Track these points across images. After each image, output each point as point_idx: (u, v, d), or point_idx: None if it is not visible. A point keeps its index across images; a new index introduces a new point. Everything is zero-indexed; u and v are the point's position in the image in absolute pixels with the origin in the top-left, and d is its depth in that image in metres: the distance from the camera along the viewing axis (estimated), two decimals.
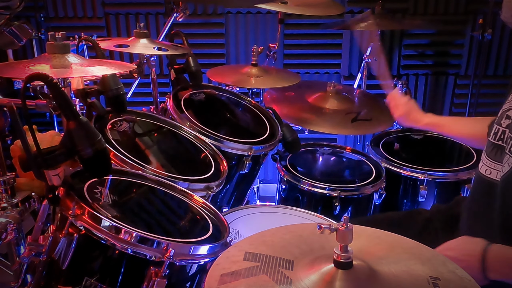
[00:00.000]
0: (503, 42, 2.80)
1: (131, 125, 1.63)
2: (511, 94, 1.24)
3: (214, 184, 1.47)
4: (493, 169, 1.23)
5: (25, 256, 1.11)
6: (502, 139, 1.22)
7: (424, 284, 0.83)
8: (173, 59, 1.93)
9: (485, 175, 1.26)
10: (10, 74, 1.23)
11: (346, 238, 0.82)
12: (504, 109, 1.25)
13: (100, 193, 1.19)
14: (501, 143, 1.22)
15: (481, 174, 1.28)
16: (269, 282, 0.82)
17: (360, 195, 1.82)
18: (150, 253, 1.05)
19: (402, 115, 1.75)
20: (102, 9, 2.79)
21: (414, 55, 2.89)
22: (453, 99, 2.96)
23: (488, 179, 1.25)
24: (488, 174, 1.25)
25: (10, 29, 1.73)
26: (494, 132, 1.26)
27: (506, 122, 1.22)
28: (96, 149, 1.00)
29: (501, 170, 1.20)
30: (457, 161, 1.99)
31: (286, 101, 2.21)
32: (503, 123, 1.23)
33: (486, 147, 1.30)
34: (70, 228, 1.06)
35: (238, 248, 0.93)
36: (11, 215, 1.27)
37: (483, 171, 1.27)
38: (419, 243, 0.97)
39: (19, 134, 1.01)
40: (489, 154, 1.26)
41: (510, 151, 1.16)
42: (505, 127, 1.22)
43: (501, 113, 1.26)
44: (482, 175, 1.27)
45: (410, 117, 1.72)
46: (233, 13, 2.80)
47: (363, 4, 2.74)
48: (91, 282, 1.07)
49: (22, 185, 1.59)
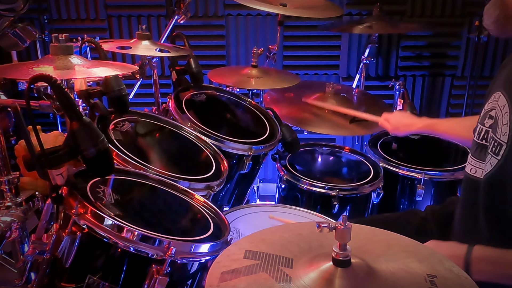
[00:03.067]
0: (498, 43, 2.81)
1: (133, 126, 1.64)
2: (493, 94, 1.24)
3: (215, 184, 1.48)
4: (477, 168, 1.24)
5: (29, 254, 1.12)
6: (486, 139, 1.23)
7: (421, 282, 0.83)
8: (175, 60, 1.93)
9: (470, 174, 1.27)
10: (14, 75, 1.24)
11: (344, 236, 0.83)
12: (486, 109, 1.26)
13: (102, 192, 1.19)
14: (485, 142, 1.23)
15: (467, 173, 1.29)
16: (269, 279, 0.82)
17: (358, 194, 1.84)
18: (152, 251, 1.06)
19: (393, 128, 1.81)
20: (104, 11, 2.79)
21: (411, 56, 2.90)
22: (449, 100, 2.97)
23: (473, 177, 1.26)
24: (473, 173, 1.26)
25: (14, 31, 1.73)
26: (478, 132, 1.27)
27: (489, 122, 1.23)
28: (99, 149, 1.01)
29: (483, 168, 1.21)
30: (454, 160, 2.01)
31: (285, 102, 2.23)
32: (486, 123, 1.24)
33: (471, 146, 1.31)
34: (73, 226, 1.06)
35: (239, 246, 0.93)
36: (15, 214, 1.28)
37: (468, 170, 1.28)
38: (416, 241, 0.98)
39: (23, 134, 1.02)
40: (474, 153, 1.27)
41: (492, 151, 1.17)
42: (488, 127, 1.23)
43: (484, 113, 1.26)
44: (468, 174, 1.28)
45: (401, 126, 1.78)
46: (233, 15, 2.81)
47: (361, 7, 2.76)
48: (94, 280, 1.07)
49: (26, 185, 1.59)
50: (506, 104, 1.15)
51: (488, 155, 1.18)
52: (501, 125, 1.15)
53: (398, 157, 2.02)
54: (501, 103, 1.17)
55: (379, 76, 2.94)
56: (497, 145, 1.15)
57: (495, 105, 1.21)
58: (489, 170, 1.17)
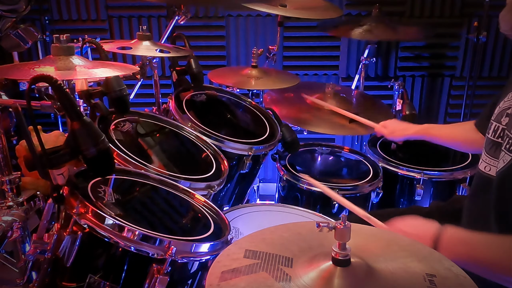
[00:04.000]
0: (497, 44, 2.82)
1: (134, 126, 1.64)
2: (510, 93, 1.25)
3: (215, 183, 1.48)
4: (491, 166, 1.25)
5: (30, 254, 1.13)
6: (501, 137, 1.23)
7: (420, 281, 0.83)
8: (175, 61, 1.93)
9: (483, 171, 1.28)
10: (15, 75, 1.23)
11: (344, 236, 0.83)
12: (502, 107, 1.27)
13: (103, 192, 1.20)
14: (500, 140, 1.24)
15: (480, 171, 1.30)
16: (269, 279, 0.83)
17: (357, 194, 1.84)
18: (153, 251, 1.06)
19: (389, 132, 1.86)
20: (105, 12, 2.80)
21: (410, 57, 2.91)
22: (448, 100, 2.98)
23: (486, 175, 1.27)
24: (487, 170, 1.27)
25: (16, 32, 1.73)
26: (493, 130, 1.28)
27: (505, 120, 1.24)
28: (99, 149, 1.01)
29: (496, 166, 1.22)
30: (453, 161, 2.01)
31: (285, 102, 2.23)
32: (503, 121, 1.25)
33: (485, 144, 1.31)
34: (74, 226, 1.07)
35: (239, 245, 0.94)
36: (16, 213, 1.28)
37: (482, 168, 1.29)
38: (415, 240, 0.99)
39: (24, 134, 1.01)
40: (488, 151, 1.28)
41: (506, 148, 1.18)
42: (504, 125, 1.24)
43: (500, 111, 1.27)
44: (481, 171, 1.29)
45: (397, 130, 1.83)
46: (233, 16, 2.82)
47: (361, 8, 2.77)
48: (95, 279, 1.07)
49: (27, 184, 1.60)
50: None
51: (502, 152, 1.19)
52: None
53: (397, 157, 2.02)
54: None
55: (378, 77, 2.95)
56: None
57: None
58: (502, 167, 1.18)
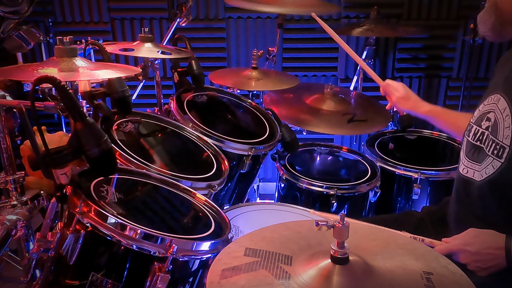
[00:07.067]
0: (493, 45, 2.84)
1: (136, 126, 1.65)
2: (490, 96, 1.25)
3: (216, 183, 1.49)
4: (469, 169, 1.26)
5: (34, 252, 1.14)
6: (481, 140, 1.24)
7: (417, 279, 0.84)
8: (177, 62, 1.93)
9: (463, 174, 1.29)
10: (19, 76, 1.25)
11: (342, 234, 0.84)
12: (483, 110, 1.27)
13: (106, 191, 1.20)
14: (479, 144, 1.24)
15: (460, 173, 1.31)
16: (269, 276, 0.84)
17: (356, 193, 1.85)
18: (154, 249, 1.07)
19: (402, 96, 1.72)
20: (108, 14, 2.81)
21: (408, 58, 2.93)
22: (445, 101, 3.00)
23: (466, 178, 1.27)
24: (465, 173, 1.28)
25: (19, 33, 1.73)
26: (473, 133, 1.28)
27: (486, 124, 1.24)
28: (102, 149, 1.01)
29: (479, 170, 1.22)
30: (449, 160, 2.02)
31: (285, 103, 2.25)
32: (483, 125, 1.25)
33: (465, 147, 1.32)
34: (77, 225, 1.07)
35: (239, 244, 0.95)
36: (20, 212, 1.28)
37: (461, 170, 1.30)
38: (415, 240, 1.00)
39: (28, 134, 1.01)
40: (467, 154, 1.28)
41: (493, 153, 1.18)
42: (484, 128, 1.24)
43: (480, 114, 1.27)
44: (461, 174, 1.30)
45: (411, 100, 1.70)
46: (234, 18, 2.83)
47: (359, 10, 2.78)
48: (98, 277, 1.08)
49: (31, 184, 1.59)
50: (506, 107, 1.17)
51: (488, 157, 1.19)
52: (502, 128, 1.16)
53: (395, 157, 2.03)
54: (501, 106, 1.19)
55: None
56: (499, 148, 1.16)
57: (493, 107, 1.22)
58: (491, 173, 1.18)
